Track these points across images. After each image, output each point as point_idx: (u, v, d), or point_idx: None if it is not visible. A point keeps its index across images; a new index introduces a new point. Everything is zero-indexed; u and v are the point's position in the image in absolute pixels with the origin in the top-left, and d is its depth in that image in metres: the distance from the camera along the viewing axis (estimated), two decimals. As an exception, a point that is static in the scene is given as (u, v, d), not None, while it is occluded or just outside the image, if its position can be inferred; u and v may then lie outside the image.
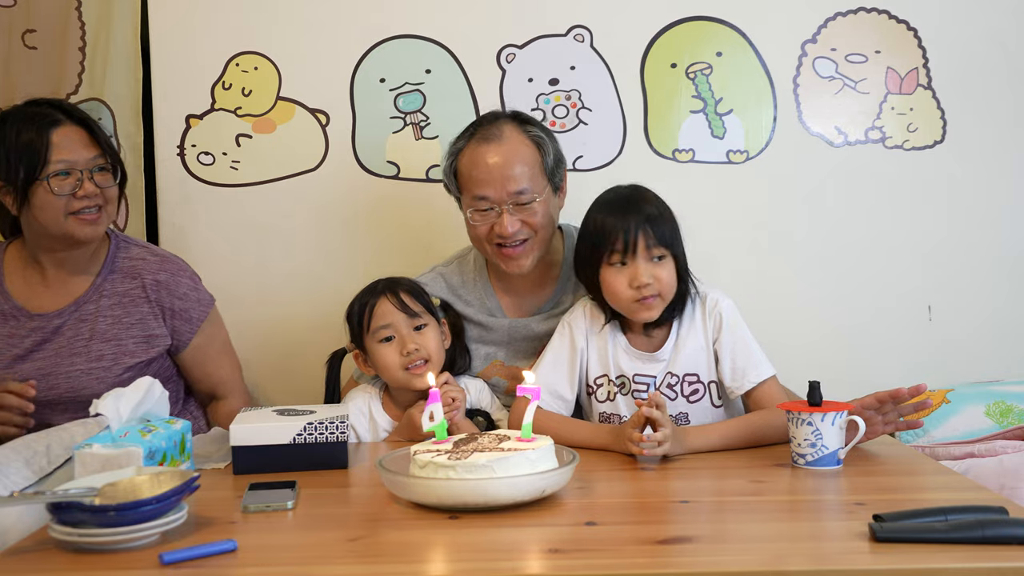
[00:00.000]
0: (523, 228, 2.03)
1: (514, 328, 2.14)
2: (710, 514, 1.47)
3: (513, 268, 2.06)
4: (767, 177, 2.43)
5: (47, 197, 1.97)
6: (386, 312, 1.97)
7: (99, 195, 2.02)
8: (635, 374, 1.93)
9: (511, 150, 2.02)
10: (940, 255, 2.42)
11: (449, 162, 2.10)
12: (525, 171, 2.01)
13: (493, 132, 2.04)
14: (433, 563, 1.32)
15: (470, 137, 2.07)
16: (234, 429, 1.75)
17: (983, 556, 1.21)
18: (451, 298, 2.17)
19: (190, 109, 2.49)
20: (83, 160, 2.00)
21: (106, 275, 2.10)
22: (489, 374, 2.16)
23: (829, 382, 1.77)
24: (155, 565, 1.26)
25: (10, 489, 1.53)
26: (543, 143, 2.06)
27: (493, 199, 2.01)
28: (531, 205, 2.02)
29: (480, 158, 2.02)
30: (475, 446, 1.53)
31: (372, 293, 2.00)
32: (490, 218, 2.03)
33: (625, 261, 1.85)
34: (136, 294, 2.09)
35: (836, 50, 2.43)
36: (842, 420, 1.67)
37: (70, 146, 1.99)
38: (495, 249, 2.06)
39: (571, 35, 2.45)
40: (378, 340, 1.97)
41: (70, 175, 1.99)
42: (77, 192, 1.98)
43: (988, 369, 2.39)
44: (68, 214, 1.99)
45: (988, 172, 2.42)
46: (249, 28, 2.48)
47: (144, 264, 2.11)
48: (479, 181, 2.02)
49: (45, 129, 1.98)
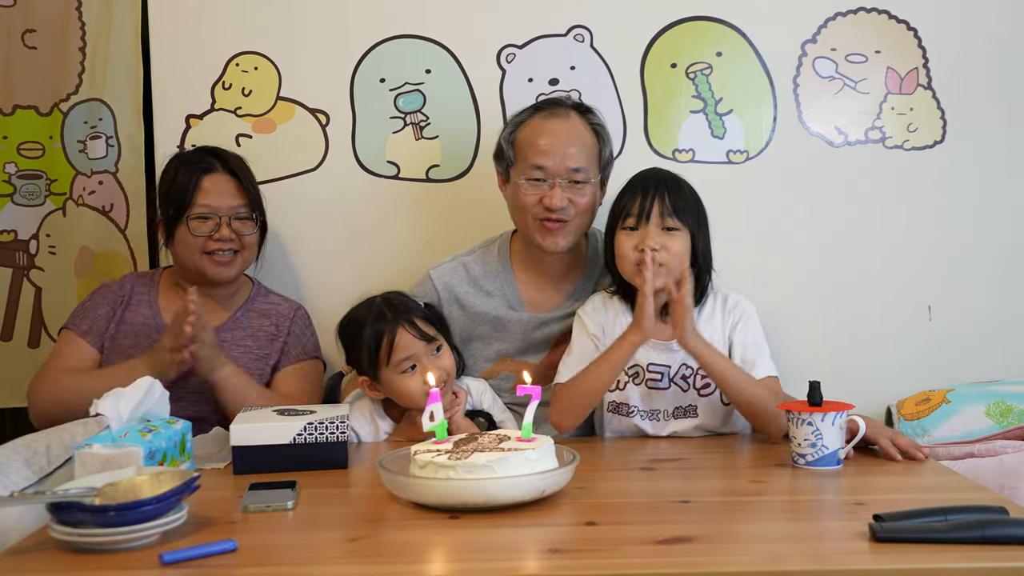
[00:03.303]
0: (569, 206, 2.07)
1: (531, 324, 2.16)
2: (710, 514, 1.47)
3: (549, 243, 2.09)
4: (767, 177, 2.43)
5: (186, 236, 2.14)
6: (408, 344, 1.91)
7: (235, 240, 2.16)
8: (649, 363, 1.94)
9: (574, 129, 2.10)
10: (940, 255, 2.42)
11: (509, 131, 2.15)
12: (584, 152, 2.08)
13: (559, 111, 2.12)
14: (433, 563, 1.33)
15: (535, 111, 2.14)
16: (234, 429, 1.75)
17: (983, 556, 1.21)
18: (470, 289, 2.19)
19: (190, 109, 2.48)
20: (225, 207, 2.16)
21: (245, 311, 2.25)
22: (497, 370, 2.17)
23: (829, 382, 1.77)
24: (155, 565, 1.26)
25: (10, 489, 1.53)
26: (603, 133, 2.15)
27: (550, 170, 2.06)
28: (583, 186, 2.08)
29: (545, 130, 2.09)
30: (475, 446, 1.53)
31: (383, 320, 1.93)
32: (542, 189, 2.07)
33: (637, 226, 1.90)
34: (269, 331, 2.23)
35: (836, 50, 2.43)
36: (842, 420, 1.67)
37: (216, 192, 2.16)
38: (537, 223, 2.09)
39: (571, 35, 2.44)
40: (400, 372, 1.92)
41: (210, 219, 2.15)
42: (214, 235, 2.14)
43: (988, 369, 2.38)
44: (203, 253, 2.15)
45: (988, 172, 2.42)
46: (249, 28, 2.47)
47: (278, 308, 2.28)
48: (540, 151, 2.07)
49: (198, 174, 2.16)
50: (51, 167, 2.62)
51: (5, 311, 2.63)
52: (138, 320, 2.19)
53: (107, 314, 2.18)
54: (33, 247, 2.64)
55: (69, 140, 2.59)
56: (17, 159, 2.63)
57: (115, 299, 2.21)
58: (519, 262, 2.21)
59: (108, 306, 2.19)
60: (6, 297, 2.63)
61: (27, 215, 2.63)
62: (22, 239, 2.64)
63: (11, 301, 2.63)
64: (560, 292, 2.19)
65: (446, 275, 2.19)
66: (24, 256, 2.64)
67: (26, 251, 2.64)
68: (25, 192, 2.63)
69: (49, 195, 2.62)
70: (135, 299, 2.21)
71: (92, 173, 2.56)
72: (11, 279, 2.63)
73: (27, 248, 2.64)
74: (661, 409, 1.96)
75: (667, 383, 1.95)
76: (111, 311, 2.19)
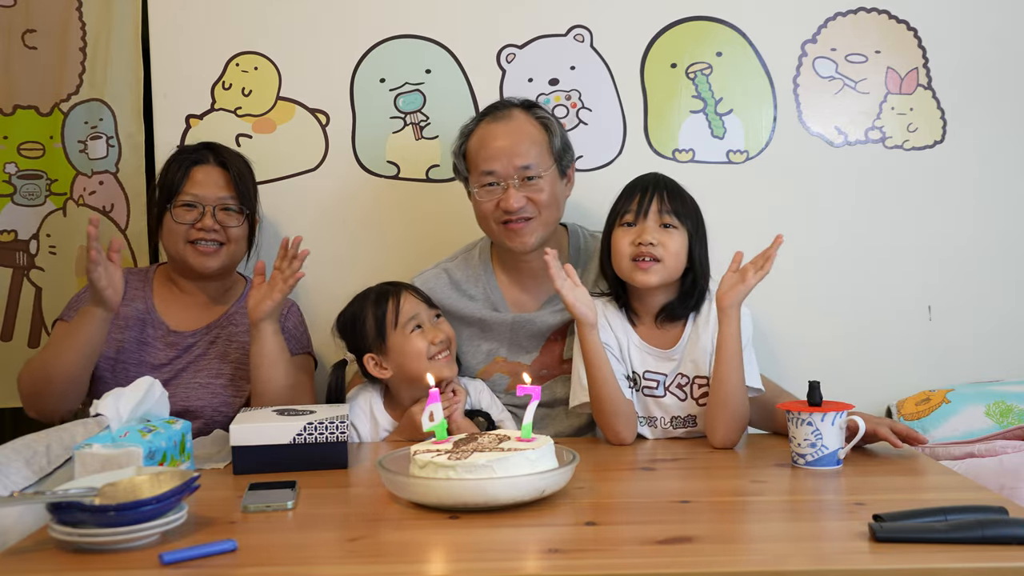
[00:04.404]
0: (528, 205, 2.07)
1: (517, 323, 2.15)
2: (710, 514, 1.47)
3: (517, 244, 2.09)
4: (767, 177, 2.43)
5: (171, 224, 2.17)
6: (413, 305, 2.04)
7: (220, 232, 2.18)
8: (646, 371, 1.94)
9: (518, 128, 2.10)
10: (940, 255, 2.42)
11: (459, 143, 2.15)
12: (532, 148, 2.07)
13: (501, 113, 2.12)
14: (433, 563, 1.33)
15: (479, 120, 2.14)
16: (234, 429, 1.75)
17: (983, 556, 1.21)
18: (453, 294, 2.18)
19: (190, 109, 2.48)
20: (212, 197, 2.18)
21: (238, 307, 2.26)
22: (490, 371, 2.16)
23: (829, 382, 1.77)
24: (155, 565, 1.26)
25: (10, 489, 1.53)
26: (550, 124, 2.13)
27: (500, 174, 2.06)
28: (537, 182, 2.07)
29: (489, 135, 2.09)
30: (475, 446, 1.53)
31: (386, 292, 2.06)
32: (496, 194, 2.07)
33: (635, 223, 1.90)
34: None
35: (836, 50, 2.43)
36: (842, 420, 1.67)
37: (204, 183, 2.19)
38: (500, 227, 2.09)
39: (571, 35, 2.45)
40: (409, 331, 2.01)
41: (195, 208, 2.17)
42: (197, 224, 2.16)
43: (988, 369, 2.38)
44: (187, 242, 2.17)
45: (988, 172, 2.42)
46: (249, 28, 2.47)
47: None
48: (487, 157, 2.07)
49: (188, 165, 2.20)
50: (51, 167, 2.62)
51: (5, 311, 2.63)
52: (131, 313, 2.21)
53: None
54: (33, 247, 2.64)
55: (69, 140, 2.59)
56: (17, 159, 2.63)
57: None
58: (500, 264, 2.21)
59: None
60: (6, 297, 2.63)
61: (27, 215, 2.63)
62: (22, 239, 2.64)
63: (11, 301, 2.63)
64: (543, 291, 2.18)
65: (429, 282, 2.19)
66: (24, 256, 2.64)
67: (26, 251, 2.64)
68: (25, 192, 2.63)
69: (49, 195, 2.62)
70: (129, 293, 2.20)
71: (92, 173, 2.56)
72: (11, 279, 2.63)
73: (27, 248, 2.64)
74: (659, 417, 1.96)
75: (663, 391, 1.94)
76: None
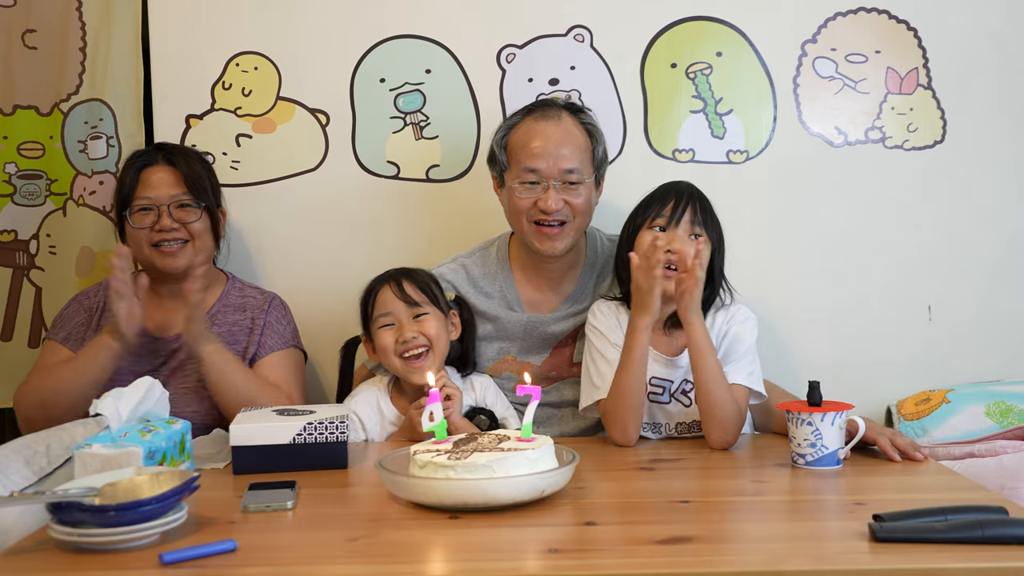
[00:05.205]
0: (565, 208, 2.07)
1: (531, 324, 2.16)
2: (710, 514, 1.47)
3: (547, 247, 2.09)
4: (767, 177, 2.43)
5: (131, 230, 2.18)
6: (387, 300, 2.03)
7: (180, 229, 2.17)
8: (652, 377, 1.93)
9: (567, 131, 2.09)
10: (940, 255, 2.42)
11: (501, 135, 2.15)
12: (576, 153, 2.08)
13: (551, 113, 2.12)
14: (433, 563, 1.33)
15: (526, 114, 2.14)
16: (234, 429, 1.75)
17: (983, 556, 1.21)
18: (470, 290, 2.19)
19: (190, 109, 2.49)
20: (165, 196, 2.17)
21: (220, 306, 2.25)
22: (499, 369, 2.17)
23: (829, 382, 1.77)
24: (155, 565, 1.26)
25: (10, 489, 1.53)
26: (595, 132, 2.14)
27: (543, 173, 2.06)
28: (577, 187, 2.07)
29: (536, 132, 2.09)
30: (475, 446, 1.53)
31: (378, 281, 2.07)
32: (535, 192, 2.07)
33: (666, 228, 1.91)
34: (245, 325, 2.23)
35: (836, 50, 2.43)
36: (842, 420, 1.67)
37: (154, 184, 2.17)
38: (533, 227, 2.09)
39: (571, 35, 2.45)
40: (379, 326, 2.02)
41: (151, 211, 2.17)
42: (155, 226, 2.15)
43: (988, 369, 2.38)
44: (151, 246, 2.16)
45: (988, 172, 2.42)
46: (249, 28, 2.47)
47: (253, 300, 2.27)
48: (533, 154, 2.07)
49: (136, 169, 2.19)
50: (51, 167, 2.62)
51: (5, 311, 2.63)
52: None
53: (84, 321, 2.21)
54: (33, 247, 2.63)
55: (69, 140, 2.58)
56: (17, 159, 2.62)
57: (90, 306, 2.23)
58: (517, 264, 2.21)
59: (84, 313, 2.22)
60: (6, 297, 2.62)
61: (27, 215, 2.63)
62: (22, 239, 2.64)
63: (11, 301, 2.63)
64: (559, 293, 2.19)
65: (448, 275, 2.20)
66: (24, 256, 2.64)
67: (26, 251, 2.64)
68: (25, 192, 2.63)
69: (49, 195, 2.62)
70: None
71: (92, 173, 2.56)
72: (11, 279, 2.63)
73: (27, 248, 2.64)
74: (663, 423, 1.96)
75: (668, 398, 1.95)
76: (87, 317, 2.21)
